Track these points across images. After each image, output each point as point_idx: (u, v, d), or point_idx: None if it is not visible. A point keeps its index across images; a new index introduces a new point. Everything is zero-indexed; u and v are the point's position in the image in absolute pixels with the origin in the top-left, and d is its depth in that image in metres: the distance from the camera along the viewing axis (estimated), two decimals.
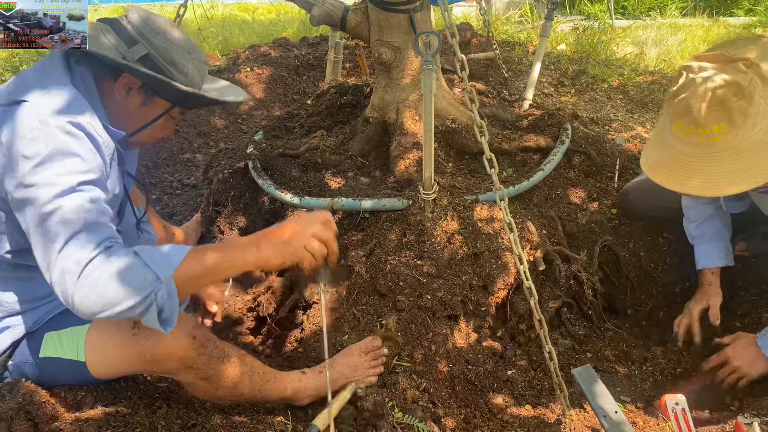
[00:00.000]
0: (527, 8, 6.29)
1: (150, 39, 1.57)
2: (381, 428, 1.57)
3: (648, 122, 3.80)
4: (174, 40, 1.61)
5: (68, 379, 1.51)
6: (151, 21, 1.60)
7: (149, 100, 1.63)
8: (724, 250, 2.16)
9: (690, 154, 1.60)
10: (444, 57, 3.98)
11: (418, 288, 2.03)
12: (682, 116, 1.58)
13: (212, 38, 5.83)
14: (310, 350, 1.98)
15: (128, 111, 1.62)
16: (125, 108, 1.61)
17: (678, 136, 1.62)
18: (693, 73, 1.56)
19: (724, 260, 2.16)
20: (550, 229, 2.40)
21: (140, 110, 1.64)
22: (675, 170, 1.64)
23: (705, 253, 2.18)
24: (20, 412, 1.33)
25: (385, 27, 2.47)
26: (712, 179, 1.57)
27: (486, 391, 2.00)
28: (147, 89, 1.61)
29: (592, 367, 1.73)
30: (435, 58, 1.91)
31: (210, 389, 1.56)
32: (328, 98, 3.13)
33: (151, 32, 1.58)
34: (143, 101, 1.63)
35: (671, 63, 4.89)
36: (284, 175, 2.61)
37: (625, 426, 1.54)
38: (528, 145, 2.63)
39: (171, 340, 1.44)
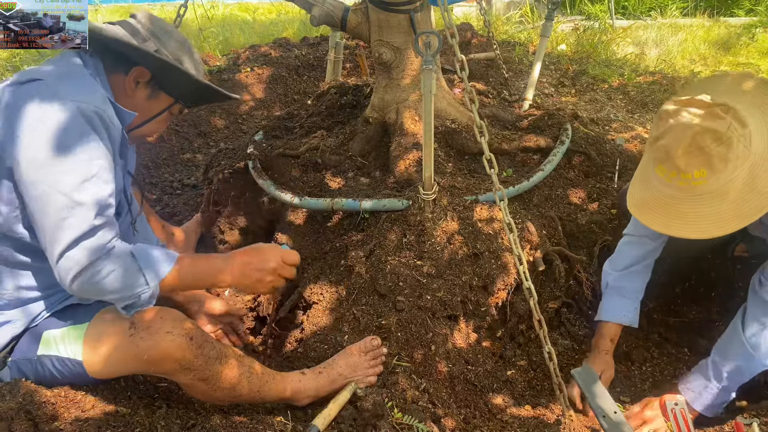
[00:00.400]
0: (527, 8, 6.29)
1: (159, 37, 1.69)
2: (380, 428, 1.57)
3: (648, 122, 3.81)
4: (179, 41, 1.75)
5: (66, 377, 1.51)
6: (159, 22, 1.73)
7: (155, 94, 1.73)
8: (634, 310, 2.09)
9: (673, 197, 1.60)
10: (444, 57, 3.98)
11: (418, 288, 2.03)
12: (663, 161, 1.58)
13: (213, 38, 5.84)
14: (310, 350, 1.98)
15: (134, 104, 1.69)
16: (132, 101, 1.69)
17: (660, 179, 1.62)
18: (674, 118, 1.56)
19: (632, 320, 2.09)
20: (549, 229, 2.40)
21: (146, 104, 1.73)
22: (658, 211, 1.64)
23: (615, 308, 2.10)
24: (20, 412, 1.33)
25: (385, 27, 2.47)
26: (695, 222, 1.57)
27: (486, 391, 2.00)
28: (154, 83, 1.71)
29: (591, 368, 1.73)
30: (435, 58, 1.91)
31: (208, 390, 1.56)
32: (328, 98, 3.13)
33: (160, 31, 1.70)
34: (149, 95, 1.72)
35: (672, 63, 4.89)
36: (284, 176, 2.61)
37: (625, 426, 1.54)
38: (528, 145, 2.63)
39: (168, 341, 1.45)
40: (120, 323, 1.48)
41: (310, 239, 2.43)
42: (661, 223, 1.64)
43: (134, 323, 1.46)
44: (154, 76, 1.70)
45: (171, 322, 1.48)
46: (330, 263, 2.27)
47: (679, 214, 1.59)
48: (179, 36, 1.76)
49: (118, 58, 1.65)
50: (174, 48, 1.72)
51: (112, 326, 1.49)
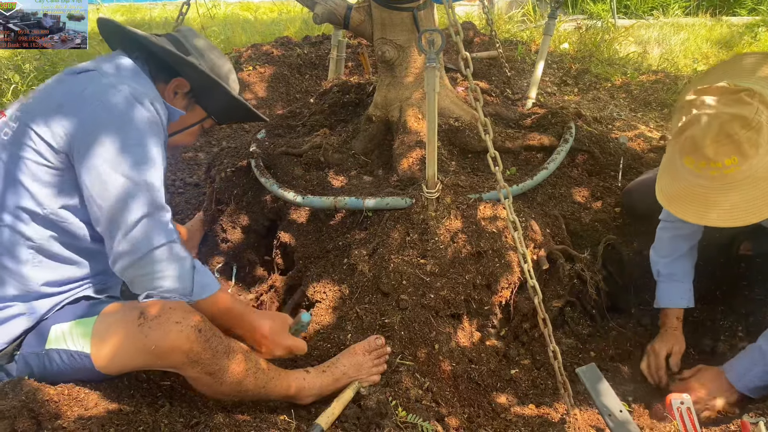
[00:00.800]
0: (530, 7, 6.28)
1: (203, 53, 1.78)
2: (384, 427, 1.57)
3: (651, 121, 3.80)
4: (220, 58, 1.83)
5: (73, 372, 1.50)
6: (202, 38, 1.82)
7: (191, 106, 1.81)
8: (689, 291, 2.13)
9: (705, 186, 1.59)
10: (446, 56, 3.97)
11: (422, 287, 2.02)
12: (691, 152, 1.57)
13: (214, 37, 5.84)
14: (313, 349, 1.98)
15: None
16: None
17: (690, 170, 1.61)
18: (697, 108, 1.55)
19: (689, 302, 2.13)
20: (553, 227, 2.39)
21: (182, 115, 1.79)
22: (692, 203, 1.63)
23: (672, 294, 2.13)
24: (23, 410, 1.32)
25: (388, 25, 2.47)
26: (730, 210, 1.56)
27: (489, 390, 2.00)
28: (191, 96, 1.78)
29: (596, 366, 1.72)
30: (438, 56, 1.91)
31: (215, 385, 1.55)
32: (330, 97, 3.12)
33: (205, 47, 1.79)
34: (186, 106, 1.80)
35: (674, 62, 4.88)
36: (287, 174, 2.60)
37: (631, 425, 1.54)
38: (531, 143, 2.62)
39: (176, 332, 1.44)
40: (129, 315, 1.48)
41: (313, 237, 2.43)
42: (695, 214, 1.63)
43: (143, 314, 1.46)
44: (192, 88, 1.77)
45: (180, 314, 1.48)
46: (333, 262, 2.26)
47: (712, 203, 1.58)
48: (220, 53, 1.85)
49: (161, 68, 1.72)
50: (215, 64, 1.79)
51: (121, 318, 1.49)
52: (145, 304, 1.50)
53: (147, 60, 1.72)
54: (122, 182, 1.46)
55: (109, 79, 1.54)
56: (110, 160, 1.45)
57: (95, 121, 1.47)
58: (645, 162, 2.73)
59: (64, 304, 1.61)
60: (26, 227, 1.52)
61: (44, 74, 4.84)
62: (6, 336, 1.52)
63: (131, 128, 1.49)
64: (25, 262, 1.53)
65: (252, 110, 1.94)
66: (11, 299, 1.53)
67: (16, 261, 1.52)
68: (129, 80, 1.58)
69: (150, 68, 1.72)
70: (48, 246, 1.56)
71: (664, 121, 3.81)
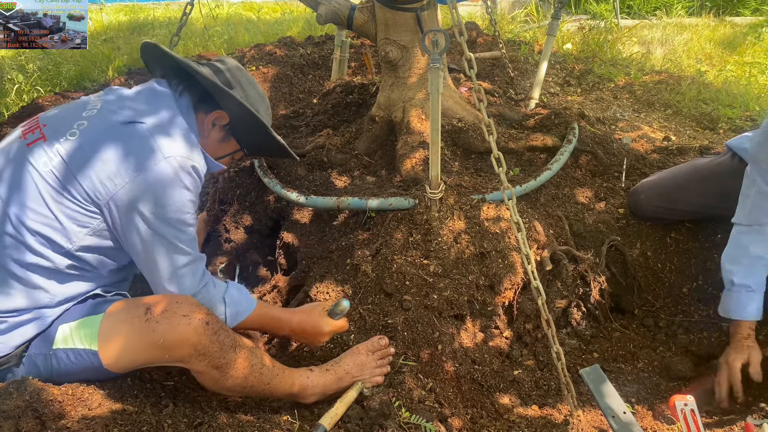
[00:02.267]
0: (533, 7, 6.28)
1: (244, 87, 1.78)
2: (387, 428, 1.56)
3: (654, 122, 3.79)
4: (260, 93, 1.86)
5: (80, 371, 1.50)
6: (244, 72, 1.83)
7: (227, 139, 1.83)
8: (761, 302, 2.03)
9: None
10: (449, 56, 3.97)
11: (425, 287, 2.02)
12: None
13: (217, 37, 5.84)
14: (317, 349, 1.98)
15: (207, 144, 1.77)
16: (206, 141, 1.77)
17: None
18: None
19: (760, 314, 2.02)
20: (557, 228, 2.39)
21: (217, 145, 1.82)
22: None
23: (746, 305, 2.01)
24: (27, 410, 1.32)
25: (391, 25, 2.47)
26: None
27: (492, 391, 1.99)
28: (229, 128, 1.80)
29: (600, 368, 1.72)
30: (442, 56, 1.91)
31: (221, 379, 1.56)
32: (333, 97, 3.12)
33: (245, 81, 1.80)
34: (222, 138, 1.81)
35: (677, 62, 4.87)
36: (290, 174, 2.60)
37: (634, 427, 1.53)
38: (535, 144, 2.62)
39: (184, 324, 1.45)
40: (135, 310, 1.49)
41: (316, 238, 2.43)
42: None
43: (150, 309, 1.47)
44: (230, 121, 1.77)
45: (187, 307, 1.49)
46: (336, 262, 2.26)
47: None
48: (260, 89, 1.87)
49: (202, 98, 1.73)
50: (254, 99, 1.80)
51: (127, 314, 1.50)
52: (150, 300, 1.51)
53: (189, 89, 1.72)
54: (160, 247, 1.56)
55: (155, 140, 1.54)
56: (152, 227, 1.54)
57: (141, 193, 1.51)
58: (648, 163, 2.72)
59: (73, 304, 1.61)
60: (50, 254, 1.53)
61: (47, 74, 4.85)
62: (18, 339, 1.52)
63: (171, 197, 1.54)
64: (39, 281, 1.54)
65: (285, 147, 1.95)
66: (24, 309, 1.54)
67: (32, 280, 1.53)
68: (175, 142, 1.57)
69: (191, 97, 1.72)
70: (68, 270, 1.57)
71: (667, 122, 3.81)
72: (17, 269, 1.51)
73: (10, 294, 1.52)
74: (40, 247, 1.51)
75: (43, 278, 1.54)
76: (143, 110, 1.61)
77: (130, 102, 1.64)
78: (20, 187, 1.50)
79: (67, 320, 1.54)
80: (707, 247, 2.42)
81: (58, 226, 1.50)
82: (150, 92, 1.69)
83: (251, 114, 1.75)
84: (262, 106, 1.85)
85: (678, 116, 3.89)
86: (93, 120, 1.58)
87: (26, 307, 1.53)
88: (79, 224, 1.52)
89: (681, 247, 2.46)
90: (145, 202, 1.51)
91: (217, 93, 1.71)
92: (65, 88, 4.73)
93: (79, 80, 4.88)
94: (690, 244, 2.45)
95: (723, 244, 2.10)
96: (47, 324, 1.55)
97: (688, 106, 3.96)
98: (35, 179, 1.50)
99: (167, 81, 1.73)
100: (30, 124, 1.62)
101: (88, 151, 1.51)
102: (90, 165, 1.49)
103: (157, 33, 6.22)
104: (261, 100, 1.85)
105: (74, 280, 1.60)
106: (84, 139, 1.54)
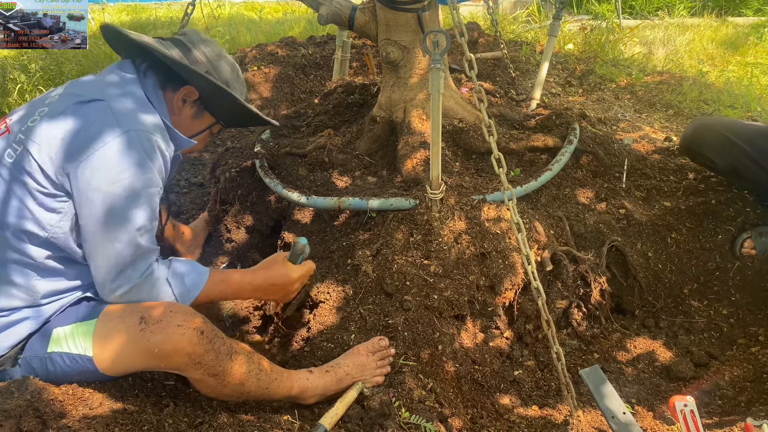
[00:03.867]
0: (534, 7, 6.28)
1: (210, 59, 1.76)
2: (387, 428, 1.57)
3: (656, 122, 3.79)
4: (229, 64, 1.81)
5: (75, 374, 1.51)
6: (211, 44, 1.79)
7: (200, 114, 1.80)
8: None
9: None
10: (451, 56, 3.97)
11: (425, 288, 2.02)
12: None
13: (219, 37, 5.85)
14: (317, 349, 1.98)
15: (179, 121, 1.76)
16: (177, 118, 1.76)
17: None
18: None
19: None
20: (557, 229, 2.39)
21: (190, 122, 1.80)
22: None
23: None
24: (29, 409, 1.33)
25: (392, 26, 2.47)
26: None
27: (493, 391, 2.00)
28: (200, 103, 1.77)
29: (600, 368, 1.72)
30: (443, 57, 1.91)
31: (218, 386, 1.56)
32: (335, 97, 3.12)
33: (212, 54, 1.77)
34: (195, 114, 1.79)
35: (679, 63, 4.87)
36: (291, 174, 2.61)
37: (633, 427, 1.53)
38: (536, 144, 2.62)
39: (179, 335, 1.45)
40: (129, 318, 1.49)
41: (317, 238, 2.43)
42: None
43: (144, 318, 1.46)
44: (201, 96, 1.75)
45: (181, 316, 1.48)
46: (337, 262, 2.27)
47: None
48: (229, 59, 1.83)
49: (169, 75, 1.71)
50: (224, 71, 1.78)
51: (121, 321, 1.49)
52: (146, 306, 1.51)
53: (153, 67, 1.70)
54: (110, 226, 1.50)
55: (114, 114, 1.51)
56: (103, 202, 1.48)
57: (98, 167, 1.47)
58: (649, 163, 2.72)
59: (66, 306, 1.61)
60: (28, 247, 1.52)
61: (50, 74, 4.86)
62: (11, 340, 1.52)
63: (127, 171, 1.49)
64: (27, 277, 1.54)
65: (260, 116, 1.92)
66: (16, 307, 1.54)
67: (19, 276, 1.53)
68: (134, 114, 1.55)
69: (158, 76, 1.70)
70: (49, 263, 1.56)
71: (668, 123, 3.80)
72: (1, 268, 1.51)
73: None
74: (17, 242, 1.50)
75: (27, 275, 1.53)
76: (104, 88, 1.59)
77: (91, 84, 1.63)
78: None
79: (62, 323, 1.54)
80: (708, 247, 2.43)
81: (29, 216, 1.50)
82: (112, 73, 1.68)
83: (218, 87, 1.72)
84: (231, 75, 1.81)
85: (679, 117, 3.89)
86: (53, 104, 1.58)
87: (15, 307, 1.53)
88: (50, 211, 1.51)
89: (682, 247, 2.46)
90: (100, 178, 1.47)
91: (181, 70, 1.68)
92: None
93: None
94: (691, 245, 2.45)
95: (724, 245, 2.10)
96: (40, 323, 1.55)
97: (689, 107, 3.96)
98: (2, 172, 1.50)
99: (131, 61, 1.71)
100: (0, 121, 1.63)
101: (47, 133, 1.50)
102: (49, 146, 1.48)
103: (159, 33, 6.23)
104: (230, 69, 1.81)
105: (58, 275, 1.59)
106: (43, 122, 1.53)
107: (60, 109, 1.54)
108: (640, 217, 2.51)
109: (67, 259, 1.59)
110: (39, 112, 1.57)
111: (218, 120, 1.86)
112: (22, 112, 1.61)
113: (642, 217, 2.51)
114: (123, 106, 1.55)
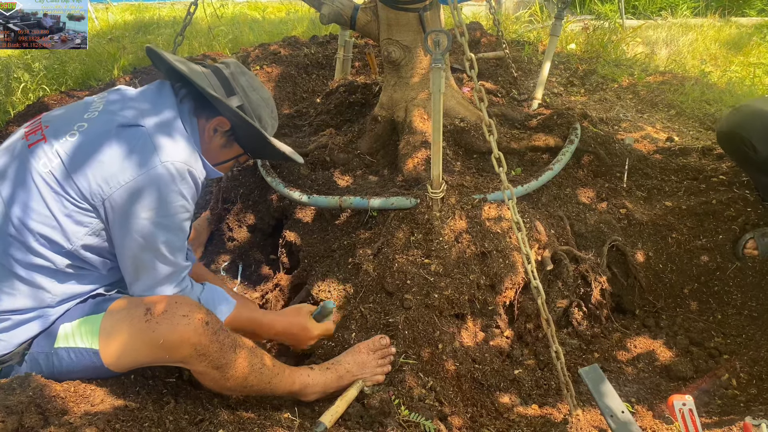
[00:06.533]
0: (537, 7, 6.27)
1: (247, 93, 1.78)
2: (387, 426, 1.58)
3: (658, 122, 3.78)
4: (264, 99, 1.84)
5: (81, 369, 1.52)
6: (249, 77, 1.82)
7: (229, 144, 1.82)
8: None
9: None
10: (453, 56, 3.97)
11: (426, 286, 2.03)
12: None
13: (222, 36, 5.86)
14: (317, 347, 1.99)
15: (208, 149, 1.78)
16: (208, 145, 1.78)
17: None
18: None
19: None
20: (558, 228, 2.40)
21: (219, 151, 1.82)
22: None
23: None
24: (31, 406, 1.34)
25: (394, 25, 2.48)
26: None
27: (493, 390, 2.00)
28: (230, 134, 1.79)
29: (599, 367, 1.73)
30: (444, 56, 1.91)
31: (221, 379, 1.57)
32: (337, 96, 3.13)
33: (248, 87, 1.79)
34: (224, 144, 1.81)
35: (682, 63, 4.86)
36: (293, 173, 2.62)
37: (632, 426, 1.54)
38: (537, 144, 2.63)
39: (184, 325, 1.46)
40: (135, 311, 1.50)
41: (318, 237, 2.44)
42: None
43: (149, 310, 1.48)
44: (232, 127, 1.77)
45: (187, 307, 1.50)
46: (338, 261, 2.28)
47: None
48: (264, 93, 1.85)
49: (204, 103, 1.73)
50: (257, 104, 1.80)
51: (127, 314, 1.51)
52: (151, 300, 1.52)
53: (190, 95, 1.72)
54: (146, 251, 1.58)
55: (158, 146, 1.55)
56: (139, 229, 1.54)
57: (137, 195, 1.51)
58: (650, 163, 2.72)
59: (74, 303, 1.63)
60: (50, 254, 1.54)
61: (53, 73, 4.87)
62: (19, 338, 1.54)
63: (164, 201, 1.55)
64: (42, 281, 1.55)
65: (287, 155, 1.93)
66: (30, 307, 1.55)
67: (34, 280, 1.54)
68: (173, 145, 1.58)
69: (193, 103, 1.72)
70: (68, 270, 1.59)
71: (670, 123, 3.80)
72: (20, 270, 1.52)
73: (13, 294, 1.53)
74: (40, 247, 1.52)
75: (45, 278, 1.55)
76: (144, 112, 1.61)
77: (132, 103, 1.64)
78: (22, 188, 1.52)
79: (68, 319, 1.56)
80: (708, 247, 2.43)
81: (57, 226, 1.51)
82: (153, 94, 1.70)
83: (249, 124, 1.74)
84: (265, 110, 1.83)
85: (681, 117, 3.89)
86: (93, 121, 1.59)
87: (29, 307, 1.55)
88: (77, 224, 1.53)
89: (682, 247, 2.46)
90: (138, 206, 1.52)
91: (216, 102, 1.70)
92: (71, 87, 4.75)
93: (85, 79, 4.90)
94: (691, 244, 2.45)
95: (724, 245, 2.10)
96: (50, 322, 1.57)
97: (691, 107, 3.95)
98: (35, 180, 1.51)
99: (170, 83, 1.74)
100: (32, 125, 1.63)
101: (85, 152, 1.52)
102: (87, 166, 1.50)
103: (163, 32, 6.24)
104: (264, 104, 1.83)
105: (76, 279, 1.61)
106: (83, 140, 1.54)
107: (100, 130, 1.56)
108: (641, 216, 2.51)
109: (85, 267, 1.62)
110: (78, 126, 1.58)
111: (246, 152, 1.88)
112: (59, 123, 1.61)
113: (643, 216, 2.51)
114: (163, 135, 1.58)
